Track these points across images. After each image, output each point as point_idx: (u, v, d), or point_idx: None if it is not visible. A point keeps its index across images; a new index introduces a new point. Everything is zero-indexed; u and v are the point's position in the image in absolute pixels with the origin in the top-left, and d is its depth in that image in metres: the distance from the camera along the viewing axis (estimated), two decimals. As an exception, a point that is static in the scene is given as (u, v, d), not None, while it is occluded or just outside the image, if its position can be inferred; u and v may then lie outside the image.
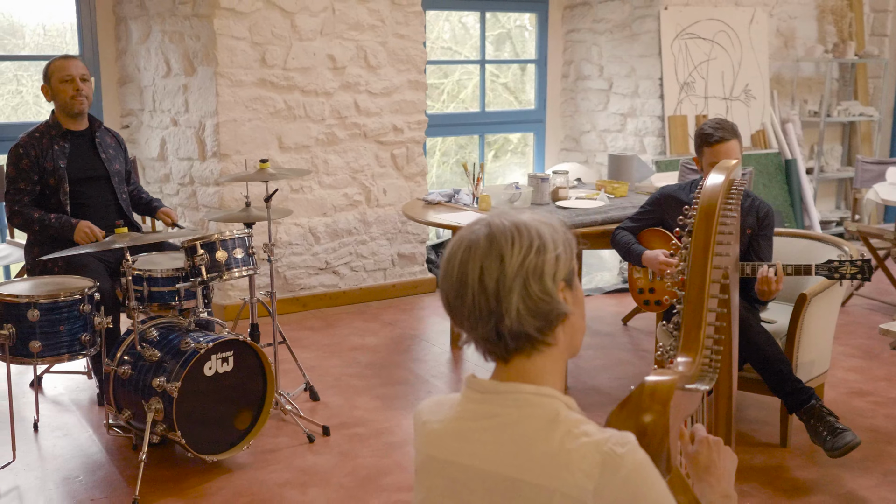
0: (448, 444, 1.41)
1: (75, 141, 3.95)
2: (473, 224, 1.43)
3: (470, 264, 1.37)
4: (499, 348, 1.40)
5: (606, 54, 6.82)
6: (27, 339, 3.26)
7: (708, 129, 3.54)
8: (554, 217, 1.45)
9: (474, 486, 1.37)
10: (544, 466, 1.31)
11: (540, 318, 1.37)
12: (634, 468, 1.29)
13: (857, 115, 7.22)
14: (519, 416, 1.36)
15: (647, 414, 1.42)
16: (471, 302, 1.37)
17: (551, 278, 1.37)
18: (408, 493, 3.22)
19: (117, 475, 3.35)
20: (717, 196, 1.67)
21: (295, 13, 5.12)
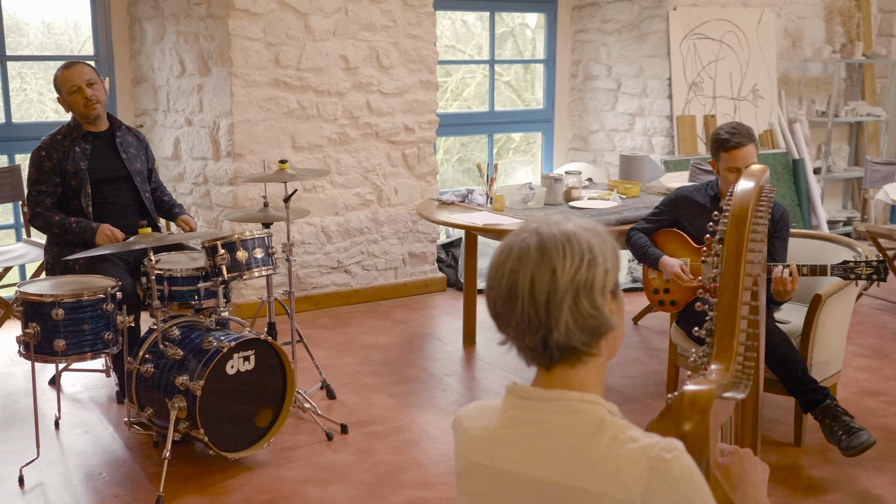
0: (493, 452, 1.43)
1: (96, 142, 3.99)
2: (521, 231, 1.43)
3: (521, 274, 1.37)
4: (543, 358, 1.41)
5: (615, 54, 6.85)
6: (52, 338, 3.29)
7: (724, 135, 3.57)
8: (599, 225, 1.45)
9: (522, 493, 1.39)
10: (592, 472, 1.33)
11: (588, 333, 1.38)
12: (682, 473, 1.31)
13: (865, 115, 7.26)
14: (564, 423, 1.38)
15: (688, 422, 1.45)
16: (520, 312, 1.38)
17: (600, 292, 1.38)
18: (426, 490, 3.26)
19: (140, 472, 3.39)
20: (749, 203, 1.70)
21: (309, 14, 5.15)
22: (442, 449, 3.59)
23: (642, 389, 4.25)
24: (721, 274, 1.67)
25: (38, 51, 6.35)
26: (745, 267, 1.65)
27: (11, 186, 4.99)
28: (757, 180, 1.80)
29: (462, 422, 1.52)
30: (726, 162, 3.59)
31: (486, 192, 4.62)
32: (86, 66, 3.96)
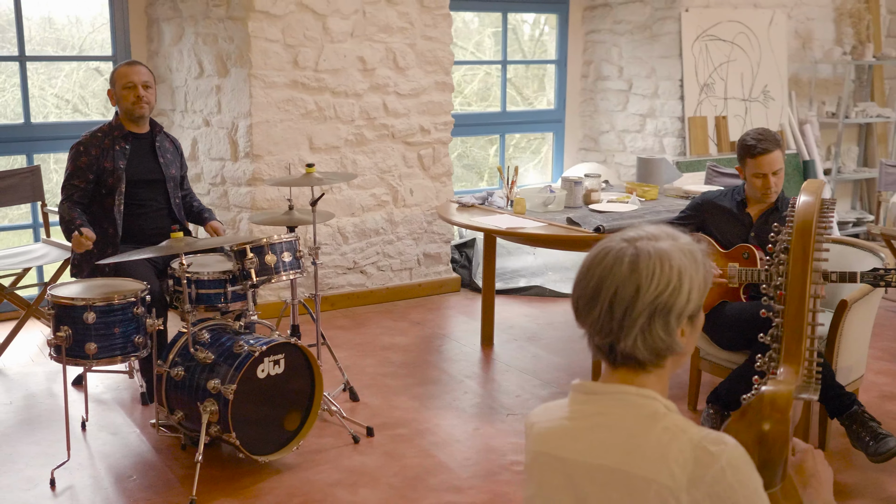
0: (558, 442, 1.51)
1: (136, 143, 4.05)
2: (621, 239, 1.49)
3: (606, 283, 1.46)
4: (609, 358, 1.51)
5: (626, 55, 6.87)
6: (83, 341, 3.31)
7: (751, 141, 3.61)
8: (696, 245, 1.50)
9: (581, 479, 1.47)
10: (643, 458, 1.41)
11: (652, 353, 1.47)
12: (729, 466, 1.36)
13: (875, 116, 7.29)
14: (622, 414, 1.46)
15: (767, 422, 1.50)
16: (596, 315, 1.48)
17: (676, 317, 1.45)
18: (456, 494, 3.28)
19: (170, 475, 3.41)
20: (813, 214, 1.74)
21: (327, 16, 5.16)
22: (467, 452, 3.62)
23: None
24: (787, 282, 1.71)
25: (38, 46, 6.34)
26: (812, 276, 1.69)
27: (32, 187, 5.00)
28: (817, 194, 1.83)
29: (531, 419, 1.61)
30: (753, 168, 3.63)
31: (507, 195, 4.64)
32: (145, 68, 4.07)
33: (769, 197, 3.72)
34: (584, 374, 4.47)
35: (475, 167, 9.04)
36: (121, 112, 4.05)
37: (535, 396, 4.19)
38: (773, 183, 3.67)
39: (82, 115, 8.22)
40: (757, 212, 3.79)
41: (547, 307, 5.65)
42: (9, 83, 8.19)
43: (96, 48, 6.77)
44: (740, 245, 3.74)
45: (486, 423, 3.90)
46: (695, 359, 3.99)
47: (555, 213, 4.44)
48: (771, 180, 3.66)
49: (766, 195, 3.70)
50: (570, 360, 4.68)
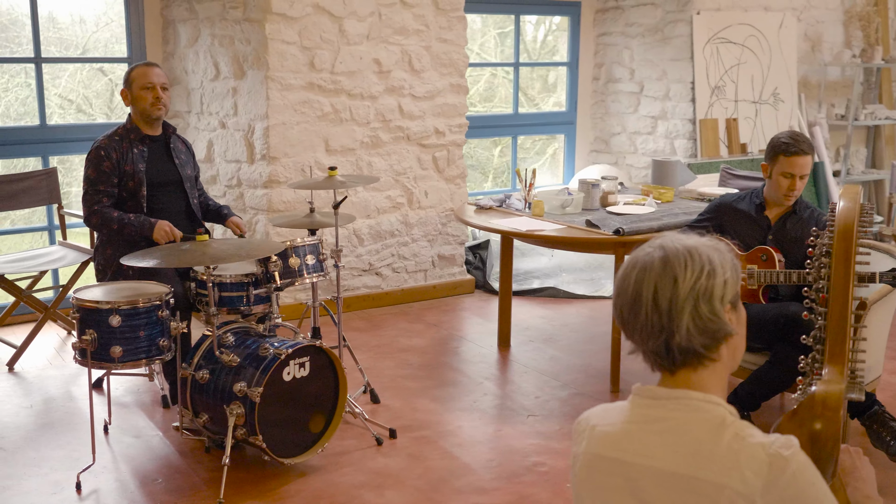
0: (620, 445, 1.53)
1: (152, 146, 4.05)
2: (647, 246, 1.56)
3: (645, 283, 1.50)
4: (667, 361, 1.52)
5: (638, 57, 6.89)
6: (108, 345, 3.32)
7: (787, 139, 3.64)
8: (719, 242, 1.56)
9: (648, 484, 1.48)
10: (715, 465, 1.43)
11: (707, 337, 1.49)
12: (799, 469, 1.40)
13: (883, 118, 7.31)
14: (688, 420, 1.48)
15: (819, 421, 1.53)
16: (644, 318, 1.50)
17: (719, 300, 1.49)
18: (482, 495, 3.29)
19: (195, 478, 3.42)
20: (853, 219, 1.76)
21: (343, 18, 5.17)
22: (490, 454, 3.63)
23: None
24: (831, 285, 1.74)
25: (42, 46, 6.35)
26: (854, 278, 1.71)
27: (48, 189, 5.01)
28: (856, 200, 1.85)
29: (590, 420, 1.62)
30: (783, 167, 3.65)
31: (525, 197, 4.65)
32: (161, 70, 4.07)
33: (790, 199, 3.73)
34: (602, 376, 4.48)
35: (479, 168, 9.07)
36: (136, 113, 4.03)
37: (555, 398, 4.21)
38: (798, 185, 3.69)
39: (86, 115, 8.23)
40: (775, 215, 3.81)
41: (562, 308, 5.66)
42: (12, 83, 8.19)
43: (100, 48, 6.79)
44: (759, 247, 3.75)
45: (507, 424, 3.92)
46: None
47: (573, 216, 4.45)
48: (797, 183, 3.68)
49: (789, 197, 3.72)
50: (588, 362, 4.69)
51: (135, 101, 3.99)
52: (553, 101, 8.13)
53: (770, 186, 3.77)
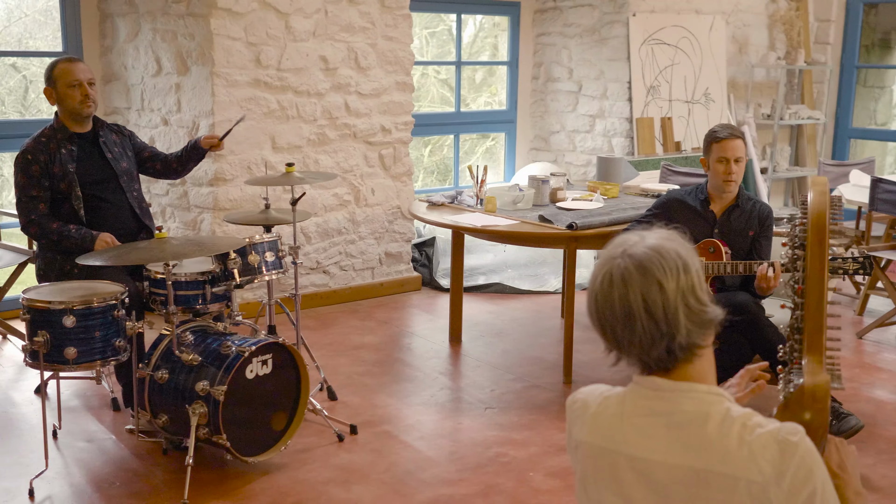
0: (628, 440, 1.54)
1: (81, 143, 3.89)
2: (611, 258, 1.54)
3: (631, 296, 1.49)
4: (669, 363, 1.53)
5: (576, 57, 7.00)
6: (62, 346, 3.22)
7: (717, 128, 3.87)
8: (671, 232, 1.57)
9: (663, 478, 1.50)
10: (728, 457, 1.46)
11: (704, 327, 1.52)
12: (806, 452, 1.45)
13: (806, 118, 7.59)
14: (695, 413, 1.50)
15: (808, 412, 1.58)
16: (641, 331, 1.49)
17: (700, 290, 1.52)
18: (449, 487, 3.31)
19: (155, 480, 3.35)
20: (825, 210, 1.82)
21: (290, 14, 5.13)
22: (453, 447, 3.65)
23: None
24: (806, 276, 1.79)
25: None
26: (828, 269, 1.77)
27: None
28: (826, 191, 1.91)
29: (589, 406, 1.62)
30: (717, 152, 3.80)
31: (476, 194, 4.69)
32: (86, 65, 3.89)
33: (730, 185, 3.85)
34: (554, 368, 4.54)
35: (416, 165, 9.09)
36: (63, 112, 3.84)
37: (510, 391, 4.25)
38: (734, 170, 3.81)
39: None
40: (720, 208, 3.93)
41: (508, 303, 5.72)
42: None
43: (13, 43, 6.55)
44: (706, 240, 3.87)
45: (466, 417, 3.94)
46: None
47: (525, 212, 4.50)
48: (732, 167, 3.80)
49: (728, 182, 3.83)
50: (539, 355, 4.75)
51: (61, 100, 3.80)
52: (483, 100, 8.22)
53: (711, 178, 3.90)
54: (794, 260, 1.90)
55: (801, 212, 1.93)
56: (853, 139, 7.93)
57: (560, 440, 3.71)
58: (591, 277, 1.56)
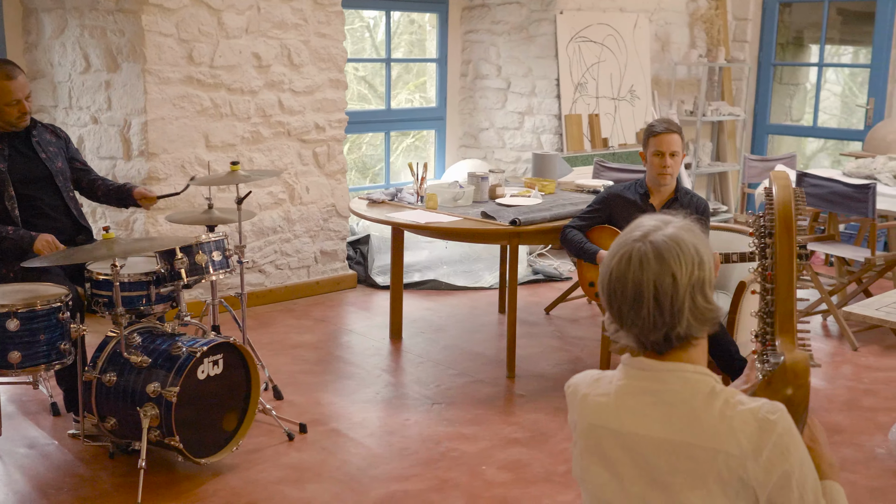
0: (618, 416, 1.63)
1: (12, 142, 3.77)
2: (631, 240, 1.61)
3: (644, 281, 1.57)
4: (663, 348, 1.61)
5: (504, 55, 7.09)
6: (5, 350, 3.14)
7: (654, 122, 4.00)
8: (690, 223, 1.65)
9: (647, 451, 1.59)
10: (709, 431, 1.54)
11: (705, 324, 1.60)
12: (784, 431, 1.53)
13: (727, 114, 7.85)
14: (682, 391, 1.59)
15: (790, 387, 1.69)
16: (646, 314, 1.57)
17: (709, 287, 1.61)
18: (403, 482, 3.34)
19: (104, 484, 3.29)
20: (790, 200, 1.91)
21: (222, 11, 5.07)
22: (403, 443, 3.68)
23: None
24: (776, 262, 1.88)
25: None
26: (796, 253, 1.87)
27: None
28: (788, 185, 2.01)
29: (580, 388, 1.71)
30: (654, 146, 3.93)
31: (417, 191, 4.72)
32: (23, 73, 3.74)
33: (665, 178, 3.97)
34: (496, 363, 4.61)
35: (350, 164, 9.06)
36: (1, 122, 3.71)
37: (454, 386, 4.30)
38: (669, 163, 3.94)
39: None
40: (659, 202, 4.05)
41: (444, 300, 5.77)
42: None
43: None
44: (649, 234, 3.99)
45: (413, 413, 3.98)
46: (605, 342, 4.22)
47: (465, 208, 4.56)
48: (668, 160, 3.93)
49: (663, 175, 3.96)
50: (480, 350, 4.81)
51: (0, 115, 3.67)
52: (403, 97, 8.26)
53: (648, 171, 4.02)
54: (763, 248, 2.00)
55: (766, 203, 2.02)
56: (771, 135, 8.23)
57: (508, 433, 3.78)
58: (609, 255, 1.62)
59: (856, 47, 8.68)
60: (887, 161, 5.30)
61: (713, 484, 1.53)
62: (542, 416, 3.96)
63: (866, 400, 4.19)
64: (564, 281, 6.21)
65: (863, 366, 4.63)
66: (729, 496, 1.53)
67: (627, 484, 1.61)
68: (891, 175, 5.16)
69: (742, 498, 1.53)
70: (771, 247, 1.94)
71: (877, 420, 3.94)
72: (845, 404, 4.13)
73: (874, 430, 3.84)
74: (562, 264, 6.52)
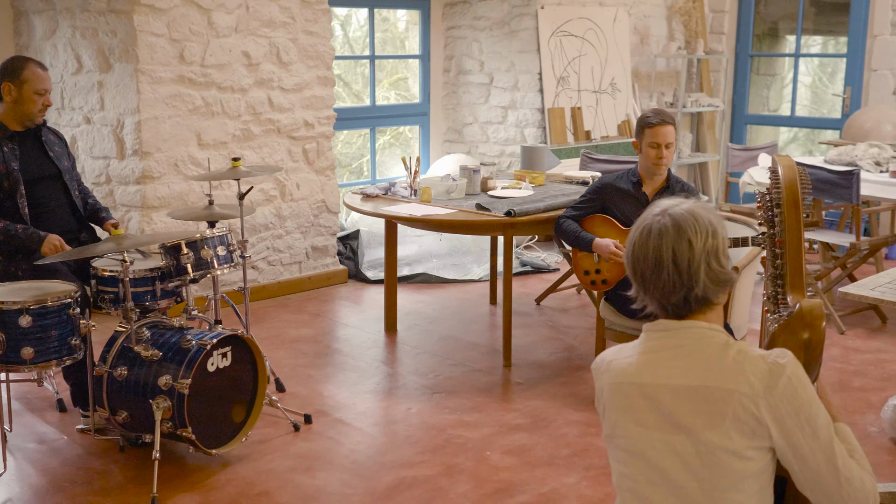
0: (640, 371, 1.79)
1: (23, 141, 3.82)
2: (652, 215, 1.81)
3: (663, 248, 1.76)
4: (683, 310, 1.78)
5: (487, 50, 7.18)
6: (18, 346, 3.19)
7: (649, 113, 4.04)
8: (704, 202, 1.85)
9: (667, 398, 1.74)
10: (724, 374, 1.70)
11: (719, 286, 1.77)
12: (793, 374, 1.68)
13: (706, 105, 7.99)
14: (698, 344, 1.76)
15: (807, 330, 1.85)
16: (666, 277, 1.76)
17: (724, 254, 1.78)
18: (412, 468, 3.42)
19: (118, 477, 3.34)
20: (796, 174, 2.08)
21: (212, 10, 5.12)
22: (408, 431, 3.76)
23: (569, 364, 4.58)
24: (785, 228, 2.04)
25: None
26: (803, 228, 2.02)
27: None
28: (792, 165, 2.14)
29: (606, 358, 1.88)
30: (649, 137, 4.01)
31: (410, 185, 4.80)
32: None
33: (660, 168, 4.07)
34: (492, 352, 4.71)
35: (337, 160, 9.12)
36: (12, 112, 3.74)
37: (453, 375, 4.38)
38: (664, 154, 4.04)
39: None
40: (652, 190, 4.15)
41: (437, 292, 5.85)
42: None
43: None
44: (641, 222, 4.09)
45: (415, 402, 4.06)
46: (600, 329, 4.32)
47: (459, 201, 4.64)
48: (663, 151, 4.03)
49: (658, 166, 4.06)
50: (475, 340, 4.90)
51: (19, 102, 3.71)
52: (380, 94, 8.33)
53: (642, 161, 4.12)
54: (772, 218, 2.16)
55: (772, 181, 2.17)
56: (749, 125, 8.38)
57: (509, 420, 3.87)
58: (633, 230, 1.82)
59: (825, 37, 8.87)
60: (868, 148, 5.45)
61: (730, 422, 1.67)
62: (541, 402, 4.05)
63: (856, 381, 4.32)
64: (552, 272, 6.31)
65: (851, 348, 4.77)
66: (745, 433, 1.67)
67: (653, 431, 1.75)
68: (872, 162, 5.32)
69: (758, 436, 1.67)
70: (779, 216, 2.09)
71: (868, 399, 4.08)
72: (836, 386, 4.26)
73: (866, 409, 3.97)
74: (549, 256, 6.62)
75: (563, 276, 5.66)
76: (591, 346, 4.63)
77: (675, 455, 1.72)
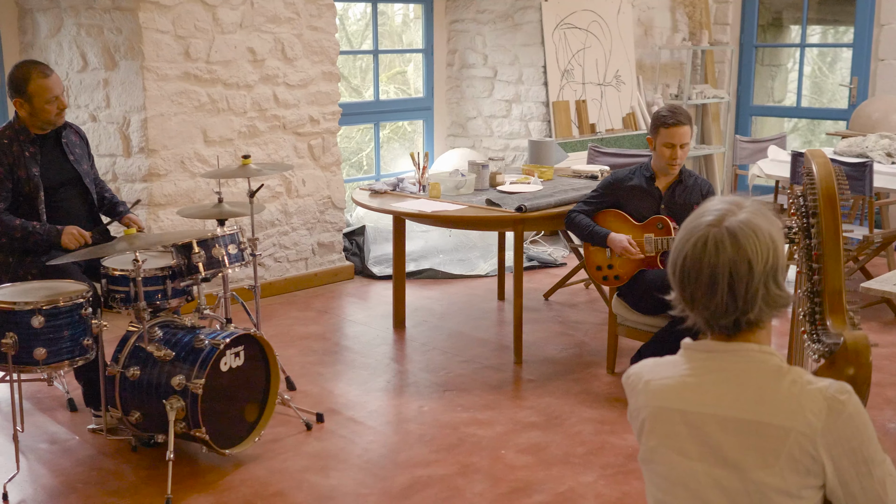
0: (682, 396, 1.64)
1: (44, 145, 3.79)
2: (705, 224, 1.60)
3: (720, 267, 1.57)
4: (732, 331, 1.62)
5: (490, 43, 7.14)
6: (31, 347, 3.17)
7: (665, 113, 3.97)
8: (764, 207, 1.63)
9: (714, 430, 1.60)
10: (778, 409, 1.55)
11: (776, 310, 1.62)
12: (854, 412, 1.55)
13: (711, 97, 7.95)
14: (747, 369, 1.61)
15: (852, 367, 1.73)
16: (719, 299, 1.58)
17: (782, 273, 1.62)
18: (426, 468, 3.41)
19: (132, 477, 3.33)
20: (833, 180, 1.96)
21: (217, 6, 5.08)
22: (422, 429, 3.74)
23: (580, 360, 4.56)
24: (822, 241, 1.92)
25: None
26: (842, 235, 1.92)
27: None
28: (827, 163, 2.05)
29: (643, 376, 1.72)
30: (664, 138, 3.98)
31: (419, 180, 4.77)
32: (57, 74, 3.77)
33: (674, 167, 4.06)
34: (502, 349, 4.69)
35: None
36: (31, 118, 3.71)
37: (464, 372, 4.37)
38: (679, 154, 4.02)
39: None
40: (665, 185, 4.13)
41: (444, 288, 5.83)
42: None
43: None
44: (654, 217, 4.07)
45: (427, 400, 4.04)
46: (612, 325, 4.29)
47: (468, 196, 4.62)
48: (678, 152, 4.01)
49: (672, 165, 4.04)
50: (485, 337, 4.88)
51: (34, 113, 3.68)
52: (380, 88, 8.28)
53: (655, 158, 4.09)
54: (808, 229, 2.02)
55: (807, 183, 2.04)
56: (754, 116, 8.35)
57: (523, 417, 3.85)
58: (683, 238, 1.62)
59: (824, 27, 8.82)
60: (879, 139, 5.42)
61: (784, 461, 1.54)
62: (554, 399, 4.04)
63: (873, 376, 4.28)
64: (559, 267, 6.29)
65: (859, 340, 4.75)
66: (800, 472, 1.55)
67: (696, 462, 1.62)
68: (883, 153, 5.29)
69: (812, 474, 1.55)
70: (815, 226, 1.97)
71: (885, 395, 4.05)
72: (846, 377, 4.24)
73: (884, 405, 3.95)
74: (555, 250, 6.60)
75: (571, 271, 5.64)
76: (603, 342, 4.61)
77: (721, 490, 1.59)
